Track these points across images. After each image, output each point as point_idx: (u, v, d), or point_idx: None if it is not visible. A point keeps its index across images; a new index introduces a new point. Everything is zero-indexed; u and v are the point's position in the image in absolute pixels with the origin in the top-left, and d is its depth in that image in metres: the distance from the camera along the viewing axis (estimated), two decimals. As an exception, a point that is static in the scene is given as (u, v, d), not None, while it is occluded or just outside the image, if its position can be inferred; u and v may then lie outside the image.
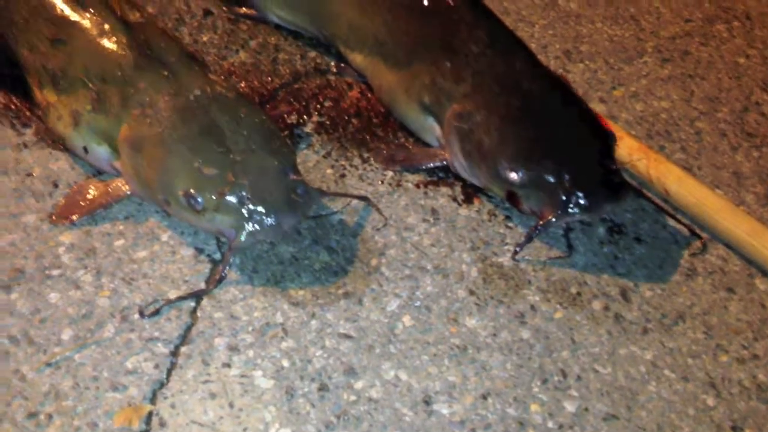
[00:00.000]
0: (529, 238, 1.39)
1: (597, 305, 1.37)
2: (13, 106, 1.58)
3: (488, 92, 1.47)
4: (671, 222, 1.51)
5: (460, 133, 1.47)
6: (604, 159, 1.42)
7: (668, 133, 1.73)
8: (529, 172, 1.38)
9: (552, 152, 1.40)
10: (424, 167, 1.56)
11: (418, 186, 1.54)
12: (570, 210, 1.35)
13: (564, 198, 1.35)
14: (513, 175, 1.39)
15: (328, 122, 1.66)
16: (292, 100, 1.71)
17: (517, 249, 1.41)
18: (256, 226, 1.25)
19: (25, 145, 1.51)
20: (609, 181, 1.39)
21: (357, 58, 1.73)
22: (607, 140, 1.46)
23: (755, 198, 1.60)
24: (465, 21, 1.57)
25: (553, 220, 1.36)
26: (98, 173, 1.46)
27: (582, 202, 1.35)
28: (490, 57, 1.52)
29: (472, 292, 1.36)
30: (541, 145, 1.42)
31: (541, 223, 1.37)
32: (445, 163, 1.54)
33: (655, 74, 1.89)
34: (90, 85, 1.39)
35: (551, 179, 1.37)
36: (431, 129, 1.57)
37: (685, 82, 1.88)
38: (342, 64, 1.78)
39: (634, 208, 1.54)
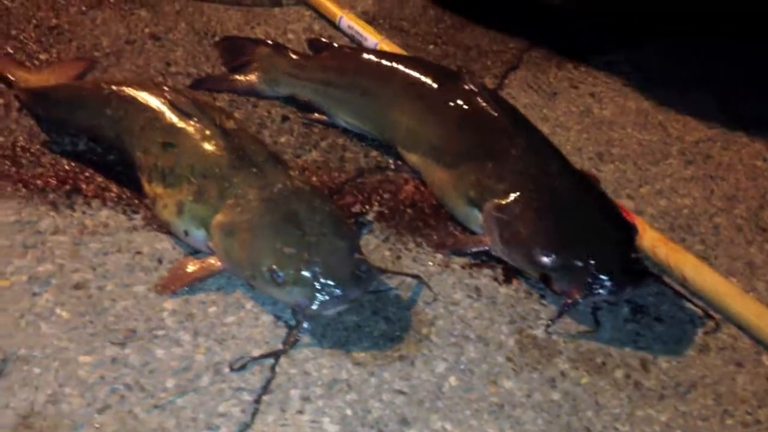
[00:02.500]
0: (560, 314, 1.60)
1: (619, 373, 1.56)
2: (124, 196, 1.88)
3: (525, 189, 1.70)
4: (688, 305, 1.70)
5: (500, 223, 1.71)
6: (626, 248, 1.64)
7: (689, 227, 1.93)
8: (559, 257, 1.61)
9: (580, 241, 1.62)
10: (469, 251, 1.79)
11: (464, 267, 1.77)
12: (594, 291, 1.57)
13: (589, 281, 1.57)
14: (546, 260, 1.61)
15: (387, 212, 1.91)
16: (356, 192, 1.97)
17: (550, 322, 1.62)
18: (326, 297, 1.47)
19: (135, 228, 1.79)
20: (630, 268, 1.61)
21: (413, 158, 1.98)
22: (630, 232, 1.68)
23: (766, 286, 1.78)
24: (506, 130, 1.82)
25: (580, 299, 1.58)
26: (195, 252, 1.70)
27: (605, 284, 1.57)
28: (526, 160, 1.75)
29: (509, 359, 1.57)
30: (570, 234, 1.64)
31: (569, 301, 1.59)
32: (487, 248, 1.77)
33: (679, 174, 2.11)
34: (193, 180, 1.64)
35: (579, 264, 1.59)
36: (476, 219, 1.79)
37: (706, 182, 2.09)
38: (399, 162, 2.04)
39: (655, 292, 1.73)
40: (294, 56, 2.21)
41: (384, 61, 2.08)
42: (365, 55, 2.14)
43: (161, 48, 2.43)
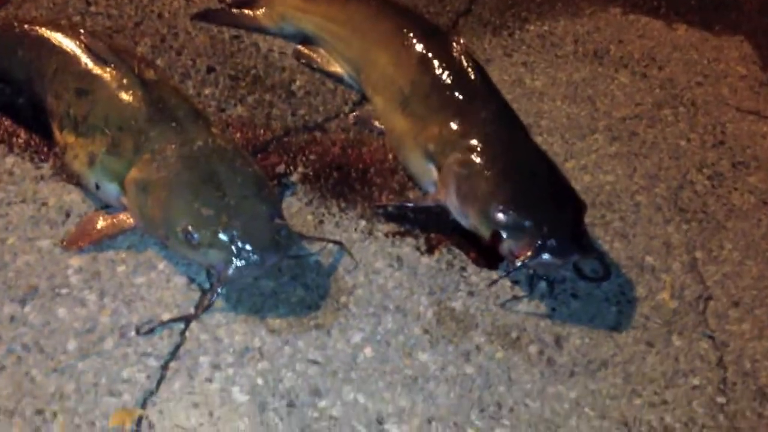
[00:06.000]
0: (507, 273, 1.63)
1: (533, 349, 1.57)
2: (33, 143, 1.77)
3: (488, 149, 1.70)
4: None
5: (459, 177, 1.68)
6: (576, 219, 1.64)
7: (610, 204, 1.95)
8: (515, 216, 1.59)
9: (536, 205, 1.62)
10: (414, 206, 1.77)
11: (387, 235, 1.74)
12: (543, 254, 1.55)
13: (540, 243, 1.55)
14: (501, 217, 1.59)
15: (312, 174, 1.87)
16: (281, 152, 1.92)
17: (501, 276, 1.64)
18: (243, 262, 1.42)
19: (42, 178, 1.70)
20: (577, 238, 1.61)
21: (379, 102, 1.99)
22: (580, 206, 1.69)
23: (680, 266, 1.81)
24: (480, 94, 1.83)
25: (528, 260, 1.55)
26: (106, 207, 1.63)
27: (554, 248, 1.55)
28: (495, 124, 1.76)
29: (426, 331, 1.56)
30: (528, 198, 1.64)
31: (518, 261, 1.56)
32: (434, 204, 1.75)
33: (604, 151, 2.12)
34: (107, 131, 1.56)
35: (532, 226, 1.57)
36: (429, 172, 1.78)
37: (629, 159, 2.10)
38: (357, 113, 2.04)
39: (571, 269, 1.75)
40: None
41: (382, 5, 2.14)
42: None
43: (81, -15, 2.30)
